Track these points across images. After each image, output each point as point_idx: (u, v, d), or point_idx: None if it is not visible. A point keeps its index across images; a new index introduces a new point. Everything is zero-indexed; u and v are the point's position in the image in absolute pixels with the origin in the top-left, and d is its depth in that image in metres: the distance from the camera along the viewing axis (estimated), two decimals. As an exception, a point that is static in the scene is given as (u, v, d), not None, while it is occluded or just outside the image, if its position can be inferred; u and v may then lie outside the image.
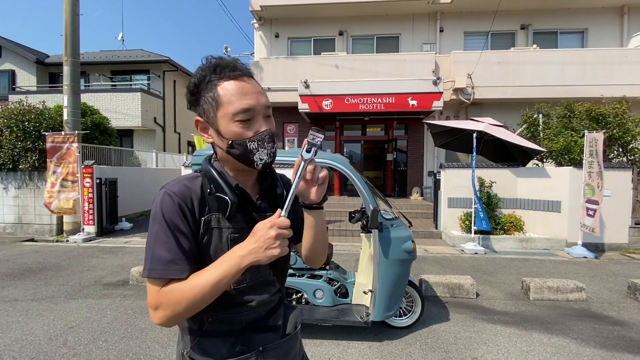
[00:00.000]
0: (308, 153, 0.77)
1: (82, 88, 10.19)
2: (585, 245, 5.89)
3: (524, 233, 6.57)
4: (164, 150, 13.99)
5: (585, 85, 9.41)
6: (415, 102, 9.08)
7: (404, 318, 3.14)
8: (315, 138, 0.77)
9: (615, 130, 6.54)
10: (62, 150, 6.71)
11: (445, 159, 10.61)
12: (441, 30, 11.16)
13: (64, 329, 3.06)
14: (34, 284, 4.25)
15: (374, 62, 10.10)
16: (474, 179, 6.04)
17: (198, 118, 0.83)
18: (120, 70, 14.89)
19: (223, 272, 0.71)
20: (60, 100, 7.63)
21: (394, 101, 9.18)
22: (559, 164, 6.82)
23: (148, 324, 3.16)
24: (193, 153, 3.86)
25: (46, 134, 6.76)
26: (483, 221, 5.90)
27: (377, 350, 2.76)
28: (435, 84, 8.99)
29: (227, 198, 0.78)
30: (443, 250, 6.23)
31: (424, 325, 3.16)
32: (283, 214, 0.73)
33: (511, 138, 6.41)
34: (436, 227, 7.39)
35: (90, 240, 6.82)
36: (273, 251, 0.70)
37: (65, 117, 7.12)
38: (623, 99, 6.83)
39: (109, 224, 7.54)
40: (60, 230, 7.32)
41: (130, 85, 14.35)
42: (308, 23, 11.54)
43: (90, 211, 7.00)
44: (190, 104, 0.84)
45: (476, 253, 5.95)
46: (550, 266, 5.24)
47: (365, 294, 2.92)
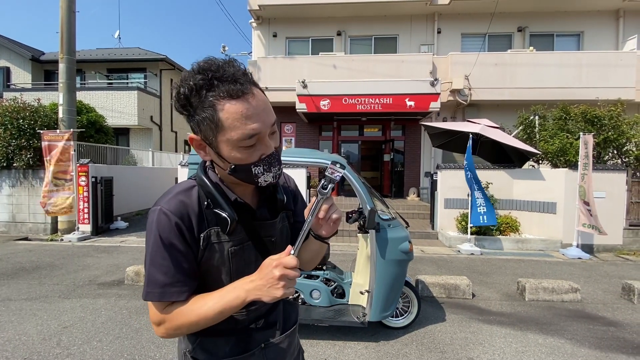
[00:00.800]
0: (324, 190, 0.72)
1: (78, 86, 10.13)
2: (580, 246, 5.94)
3: (519, 234, 6.60)
4: (161, 149, 13.91)
5: (581, 87, 9.48)
6: (412, 103, 9.11)
7: (400, 318, 3.14)
8: (335, 173, 0.71)
9: (610, 133, 6.60)
10: (58, 148, 6.65)
11: (442, 160, 10.64)
12: (439, 32, 11.20)
13: (58, 328, 3.03)
14: (27, 283, 4.20)
15: (372, 63, 10.11)
16: (475, 175, 6.00)
17: (192, 136, 0.75)
18: (117, 69, 14.79)
19: (227, 303, 0.70)
20: (56, 98, 7.57)
21: (391, 102, 9.20)
22: (555, 165, 6.86)
23: (143, 324, 3.14)
24: (189, 152, 3.85)
25: (41, 132, 6.70)
26: (486, 215, 5.84)
27: (374, 350, 2.76)
28: (432, 85, 9.02)
29: (226, 215, 0.75)
30: (439, 250, 6.25)
31: (420, 326, 3.16)
32: (292, 253, 0.70)
33: (507, 140, 6.44)
34: (433, 228, 7.41)
35: (85, 240, 6.76)
36: (276, 292, 0.67)
37: (60, 115, 7.06)
38: (618, 102, 6.89)
39: (104, 223, 7.49)
40: (54, 229, 7.25)
41: (127, 83, 14.26)
42: (306, 23, 11.53)
43: (86, 210, 6.94)
44: (177, 111, 0.74)
45: (472, 254, 5.97)
46: (545, 267, 5.27)
47: (362, 294, 2.91)
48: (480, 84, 9.83)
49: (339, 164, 0.72)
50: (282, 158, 0.85)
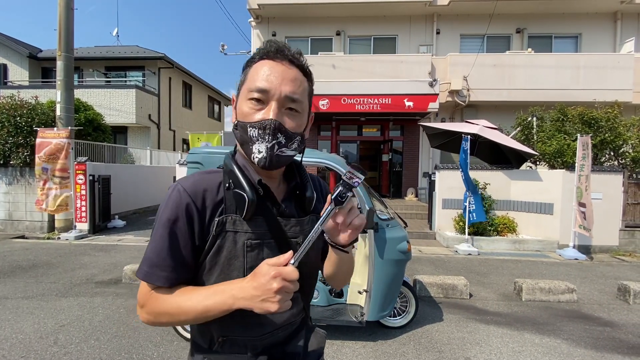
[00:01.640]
0: (341, 199, 0.63)
1: (76, 84, 10.07)
2: (576, 247, 5.98)
3: (516, 234, 6.64)
4: (159, 148, 13.86)
5: (578, 89, 9.53)
6: (411, 104, 9.13)
7: (398, 318, 3.15)
8: (354, 178, 0.62)
9: (607, 135, 6.64)
10: (55, 146, 6.61)
11: (440, 160, 10.67)
12: (438, 32, 11.22)
13: (55, 327, 3.02)
14: (24, 281, 4.18)
15: (371, 63, 10.12)
16: (467, 176, 6.04)
17: (233, 94, 0.79)
18: (115, 67, 14.72)
19: (213, 305, 0.64)
20: (53, 95, 7.52)
21: (390, 102, 9.21)
22: (552, 166, 6.90)
23: (140, 323, 3.13)
24: (188, 151, 3.85)
25: (38, 129, 6.66)
26: (474, 213, 5.92)
27: (371, 350, 2.77)
28: (431, 85, 9.05)
29: (245, 195, 0.69)
30: (437, 251, 6.27)
31: (417, 325, 3.17)
32: (292, 262, 0.62)
33: (505, 141, 6.47)
34: (430, 228, 7.43)
35: (82, 238, 6.73)
36: (269, 306, 0.60)
37: (58, 113, 7.02)
38: (615, 104, 6.93)
39: (101, 222, 7.46)
40: (51, 228, 7.21)
41: (125, 81, 14.20)
42: (305, 22, 11.53)
43: (83, 208, 6.91)
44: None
45: (470, 254, 5.99)
46: (542, 267, 5.30)
47: (360, 293, 2.92)
48: (478, 85, 9.86)
49: (360, 170, 0.63)
50: None
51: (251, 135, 0.69)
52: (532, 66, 9.78)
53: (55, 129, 6.74)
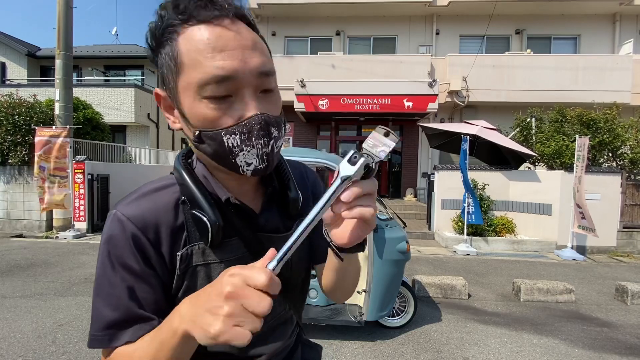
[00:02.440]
0: (352, 166, 0.42)
1: (75, 82, 10.03)
2: (574, 248, 6.00)
3: (515, 235, 6.65)
4: (157, 147, 13.84)
5: (577, 90, 9.56)
6: (410, 104, 9.14)
7: (397, 318, 3.15)
8: (378, 147, 0.43)
9: (605, 136, 6.66)
10: (53, 145, 6.59)
11: (440, 161, 10.69)
12: (437, 33, 11.24)
13: (53, 326, 3.01)
14: (22, 280, 4.17)
15: (371, 63, 10.13)
16: (465, 177, 6.06)
17: (158, 91, 0.54)
18: (114, 65, 14.70)
19: (159, 344, 0.46)
20: (52, 94, 7.50)
21: (389, 102, 9.22)
22: (551, 167, 6.92)
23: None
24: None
25: (36, 128, 6.64)
26: (472, 215, 5.95)
27: (370, 350, 2.77)
28: (430, 86, 9.06)
29: (205, 218, 0.51)
30: (436, 251, 6.28)
31: (416, 326, 3.18)
32: (271, 265, 0.40)
33: (504, 142, 6.49)
34: (429, 228, 7.44)
35: (80, 237, 6.71)
36: (211, 324, 0.38)
37: (56, 112, 7.00)
38: (614, 105, 6.95)
39: (100, 221, 7.44)
40: (49, 227, 7.19)
41: (124, 80, 14.17)
42: (305, 22, 11.52)
43: (81, 207, 6.89)
44: (149, 60, 0.54)
45: (468, 254, 6.01)
46: (540, 268, 5.31)
47: (359, 293, 2.92)
48: (478, 86, 9.88)
49: (388, 132, 0.44)
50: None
51: (231, 145, 0.49)
52: (531, 67, 9.80)
53: (53, 127, 6.72)
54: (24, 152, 6.98)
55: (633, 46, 10.17)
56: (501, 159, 7.14)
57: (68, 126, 6.77)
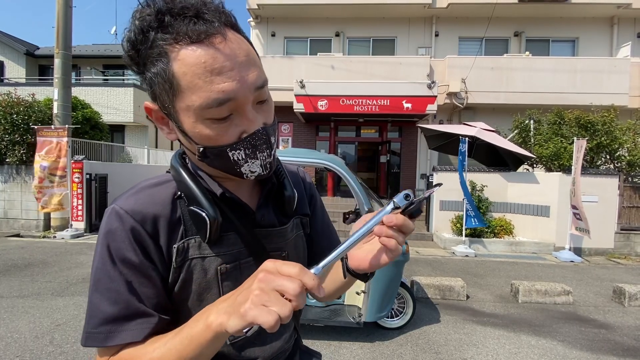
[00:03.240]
0: (405, 200, 0.50)
1: (73, 82, 10.00)
2: (572, 249, 6.02)
3: (513, 237, 6.67)
4: (156, 147, 13.81)
5: (575, 93, 9.60)
6: (409, 105, 9.15)
7: (395, 319, 3.16)
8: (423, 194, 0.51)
9: (603, 138, 6.69)
10: (52, 144, 6.57)
11: (438, 162, 10.71)
12: (436, 35, 11.27)
13: (51, 326, 3.00)
14: (19, 280, 4.15)
15: (370, 64, 10.15)
16: (462, 179, 6.09)
17: (148, 104, 0.54)
18: (113, 65, 14.67)
19: (189, 340, 0.44)
20: (50, 93, 7.48)
21: (388, 103, 9.23)
22: (549, 169, 6.94)
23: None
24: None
25: (35, 127, 6.62)
26: (474, 219, 5.96)
27: (369, 350, 2.77)
28: (429, 87, 9.07)
29: (204, 214, 0.52)
30: (434, 252, 6.29)
31: (415, 327, 3.18)
32: (316, 270, 0.43)
33: (502, 143, 6.51)
34: (428, 230, 7.45)
35: (78, 237, 6.69)
36: (246, 310, 0.39)
37: (55, 111, 6.98)
38: (611, 108, 6.99)
39: (98, 221, 7.41)
40: (47, 226, 7.16)
41: (123, 80, 14.14)
42: (305, 23, 11.53)
43: (79, 207, 6.87)
44: (128, 66, 0.53)
45: (467, 255, 6.02)
46: (538, 270, 5.33)
47: (358, 294, 2.93)
48: (476, 87, 9.90)
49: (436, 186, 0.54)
50: (280, 158, 0.66)
51: (236, 159, 0.52)
52: (530, 69, 9.84)
53: (52, 127, 6.71)
54: (21, 152, 6.95)
55: (631, 49, 10.22)
56: (500, 161, 7.16)
57: (66, 125, 6.75)
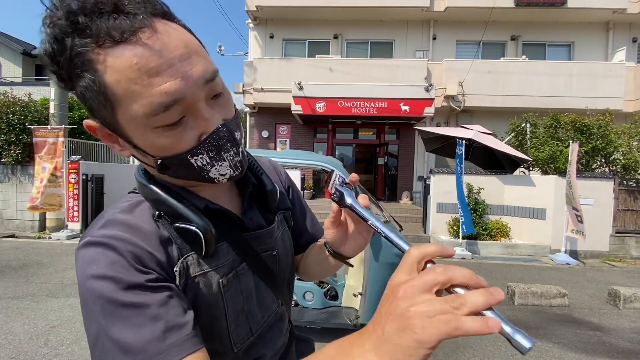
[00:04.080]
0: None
1: (70, 82, 9.97)
2: (568, 252, 6.06)
3: (509, 239, 6.70)
4: (153, 148, 13.77)
5: (571, 96, 9.69)
6: (407, 108, 9.20)
7: (392, 321, 3.15)
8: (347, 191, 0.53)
9: (598, 142, 6.74)
10: (48, 144, 6.54)
11: (435, 165, 10.75)
12: (434, 38, 11.34)
13: (46, 328, 2.98)
14: (14, 281, 4.11)
15: (368, 67, 10.19)
16: (459, 182, 6.11)
17: (89, 123, 0.47)
18: (111, 65, 14.63)
19: None
20: (47, 93, 7.45)
21: (386, 106, 9.27)
22: (545, 172, 6.99)
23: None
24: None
25: (31, 127, 6.58)
26: (464, 225, 6.01)
27: (365, 353, 2.77)
28: (427, 90, 9.13)
29: (194, 227, 0.47)
30: (431, 254, 6.30)
31: (411, 329, 3.18)
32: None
33: (499, 146, 6.55)
34: (425, 232, 7.47)
35: (74, 238, 6.64)
36: (462, 325, 0.30)
37: (51, 111, 6.95)
38: (607, 111, 7.05)
39: (94, 222, 7.37)
40: (42, 227, 7.11)
41: (120, 80, 14.11)
42: (303, 25, 11.57)
43: (75, 208, 6.83)
44: (56, 84, 0.44)
45: (463, 258, 6.04)
46: (534, 272, 5.35)
47: (355, 296, 2.92)
48: (473, 91, 9.97)
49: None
50: (278, 159, 0.69)
51: (201, 165, 0.46)
52: (526, 73, 9.92)
53: (49, 127, 6.67)
54: (17, 152, 6.91)
55: (626, 54, 10.33)
56: (496, 164, 7.20)
57: (63, 125, 6.72)
